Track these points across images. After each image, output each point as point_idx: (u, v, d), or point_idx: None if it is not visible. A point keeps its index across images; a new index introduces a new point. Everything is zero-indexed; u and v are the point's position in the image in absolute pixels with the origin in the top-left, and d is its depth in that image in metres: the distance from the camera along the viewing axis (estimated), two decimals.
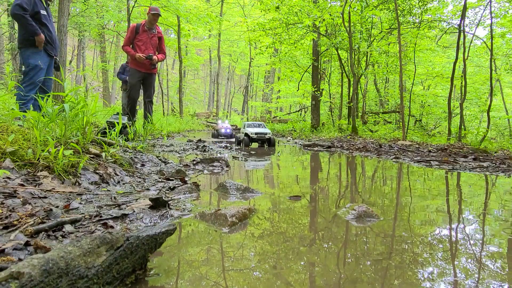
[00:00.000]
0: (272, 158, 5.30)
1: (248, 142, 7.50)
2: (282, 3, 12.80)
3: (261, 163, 4.64)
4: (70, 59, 25.70)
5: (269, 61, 23.79)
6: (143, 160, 3.58)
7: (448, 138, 9.28)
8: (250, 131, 7.57)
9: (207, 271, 1.22)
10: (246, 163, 4.50)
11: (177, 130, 12.74)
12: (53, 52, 4.64)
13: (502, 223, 1.90)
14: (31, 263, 0.84)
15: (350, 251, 1.44)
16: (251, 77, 37.08)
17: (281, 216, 1.98)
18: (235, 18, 29.80)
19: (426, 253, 1.43)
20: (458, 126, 9.70)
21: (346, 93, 14.24)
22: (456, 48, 9.51)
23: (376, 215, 1.92)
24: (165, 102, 23.31)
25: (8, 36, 14.90)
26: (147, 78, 6.58)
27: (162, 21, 16.87)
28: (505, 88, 22.23)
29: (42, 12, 4.43)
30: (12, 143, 2.16)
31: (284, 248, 1.45)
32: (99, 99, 8.52)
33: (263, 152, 6.25)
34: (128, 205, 1.92)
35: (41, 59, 4.43)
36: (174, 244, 1.48)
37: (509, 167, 4.28)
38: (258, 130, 7.62)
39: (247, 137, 7.53)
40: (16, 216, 1.45)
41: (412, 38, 12.90)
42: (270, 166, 4.38)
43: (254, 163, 4.53)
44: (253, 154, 5.65)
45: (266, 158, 5.23)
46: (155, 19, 6.43)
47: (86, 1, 15.97)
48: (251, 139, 7.52)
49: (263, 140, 7.58)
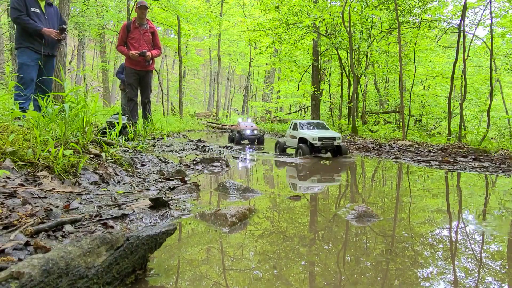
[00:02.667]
0: (272, 158, 5.30)
1: (308, 151, 5.14)
2: (282, 3, 12.80)
3: (261, 164, 4.64)
4: (70, 59, 25.70)
5: (269, 61, 23.78)
6: (143, 160, 3.58)
7: (448, 138, 9.28)
8: (310, 135, 5.26)
9: (207, 271, 1.22)
10: None
11: (177, 130, 12.74)
12: (46, 50, 4.63)
13: (502, 222, 1.90)
14: (31, 263, 0.84)
15: (350, 251, 1.44)
16: (251, 77, 37.08)
17: (281, 216, 1.98)
18: (235, 18, 29.79)
19: (426, 253, 1.43)
20: (458, 126, 9.70)
21: (346, 93, 14.23)
22: (456, 48, 9.51)
23: (376, 215, 1.92)
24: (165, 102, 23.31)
25: (8, 36, 14.90)
26: (144, 77, 6.54)
27: (162, 21, 16.88)
28: (505, 88, 22.23)
29: (32, 10, 4.47)
30: (12, 143, 2.16)
31: (284, 248, 1.45)
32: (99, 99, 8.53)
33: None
34: (128, 205, 1.92)
35: (28, 56, 4.46)
36: (174, 244, 1.48)
37: (509, 167, 4.28)
38: (322, 133, 5.34)
39: (305, 144, 5.25)
40: (16, 216, 1.45)
41: (412, 38, 12.90)
42: (270, 166, 4.38)
43: None
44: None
45: (257, 153, 5.23)
46: (143, 12, 6.32)
47: (86, 1, 15.97)
48: (313, 147, 5.20)
49: (330, 148, 5.30)
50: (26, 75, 4.40)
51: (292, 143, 5.78)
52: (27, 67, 4.43)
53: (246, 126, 8.05)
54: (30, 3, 4.45)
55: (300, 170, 4.10)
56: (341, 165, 4.52)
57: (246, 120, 8.99)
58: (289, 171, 4.05)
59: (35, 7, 4.51)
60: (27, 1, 4.43)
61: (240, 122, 8.64)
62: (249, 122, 8.58)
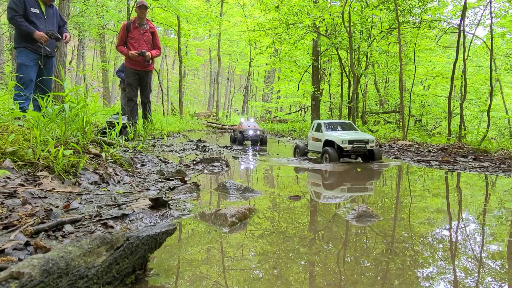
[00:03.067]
0: (272, 158, 5.29)
1: (336, 156, 4.47)
2: (282, 3, 12.80)
3: (260, 164, 4.64)
4: (70, 59, 25.70)
5: (269, 61, 23.79)
6: (143, 160, 3.58)
7: (448, 138, 9.28)
8: (339, 137, 4.56)
9: (207, 271, 1.22)
10: None
11: (177, 130, 12.73)
12: (45, 50, 4.63)
13: (502, 222, 1.90)
14: (31, 263, 0.84)
15: (350, 251, 1.44)
16: (251, 77, 37.08)
17: (281, 216, 1.98)
18: (235, 18, 29.79)
19: (426, 253, 1.43)
20: (458, 126, 9.69)
21: (346, 93, 14.23)
22: (456, 48, 9.51)
23: (376, 215, 1.92)
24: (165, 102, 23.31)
25: (8, 36, 14.91)
26: (144, 77, 6.54)
27: (162, 21, 16.88)
28: (505, 88, 22.23)
29: (32, 10, 4.48)
30: (12, 143, 2.16)
31: (284, 248, 1.45)
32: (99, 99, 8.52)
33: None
34: (128, 205, 1.92)
35: (26, 56, 4.47)
36: (174, 244, 1.48)
37: (509, 167, 4.28)
38: (352, 135, 4.65)
39: (332, 148, 4.55)
40: (16, 216, 1.45)
41: (412, 38, 12.90)
42: (270, 166, 4.38)
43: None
44: None
45: (267, 158, 5.23)
46: (143, 12, 6.32)
47: (86, 1, 15.97)
48: (342, 151, 4.56)
49: (362, 152, 4.64)
50: (25, 75, 4.40)
51: (315, 147, 5.02)
52: (26, 67, 4.44)
53: (248, 126, 7.77)
54: (29, 4, 4.46)
55: (338, 178, 3.51)
56: (380, 173, 3.97)
57: (248, 120, 8.62)
58: (317, 177, 3.52)
59: (35, 8, 4.52)
60: (26, 2, 4.43)
61: (242, 122, 8.34)
62: (252, 122, 8.26)
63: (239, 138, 7.63)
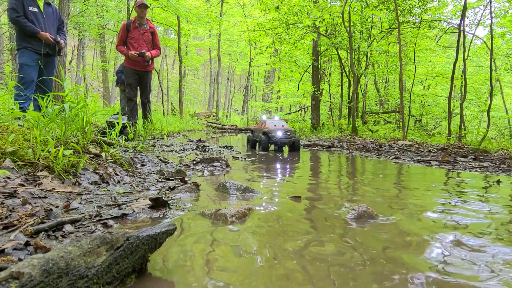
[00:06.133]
0: (272, 158, 5.29)
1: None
2: (282, 3, 12.80)
3: (263, 164, 4.64)
4: (70, 59, 25.71)
5: (269, 61, 23.79)
6: (143, 160, 3.58)
7: (448, 138, 9.28)
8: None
9: (207, 271, 1.22)
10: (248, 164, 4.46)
11: (177, 130, 12.73)
12: (45, 49, 4.63)
13: (503, 222, 1.90)
14: (31, 263, 0.84)
15: (350, 251, 1.44)
16: (251, 77, 37.08)
17: (281, 216, 1.98)
18: (235, 18, 29.80)
19: (426, 252, 1.43)
20: (458, 126, 9.70)
21: (346, 93, 14.23)
22: (456, 48, 9.51)
23: (376, 215, 1.92)
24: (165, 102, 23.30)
25: (8, 36, 14.91)
26: (143, 77, 6.54)
27: (162, 21, 16.88)
28: (505, 88, 22.24)
29: (30, 9, 4.48)
30: (12, 143, 2.16)
31: (284, 248, 1.45)
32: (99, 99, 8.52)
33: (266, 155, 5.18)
34: (128, 205, 1.92)
35: (28, 56, 4.48)
36: (174, 243, 1.48)
37: (509, 167, 4.28)
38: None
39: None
40: (16, 216, 1.45)
41: (412, 38, 12.91)
42: (270, 166, 4.38)
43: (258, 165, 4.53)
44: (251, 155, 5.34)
45: (268, 158, 5.23)
46: (143, 11, 6.31)
47: (86, 1, 15.98)
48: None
49: None
50: (26, 75, 4.41)
51: None
52: (27, 67, 4.45)
53: (275, 126, 5.94)
54: (27, 2, 4.46)
55: None
56: None
57: (273, 118, 6.63)
58: None
59: (33, 6, 4.52)
60: (24, 1, 4.44)
61: (265, 120, 6.30)
62: (277, 120, 6.33)
63: (263, 141, 5.81)
